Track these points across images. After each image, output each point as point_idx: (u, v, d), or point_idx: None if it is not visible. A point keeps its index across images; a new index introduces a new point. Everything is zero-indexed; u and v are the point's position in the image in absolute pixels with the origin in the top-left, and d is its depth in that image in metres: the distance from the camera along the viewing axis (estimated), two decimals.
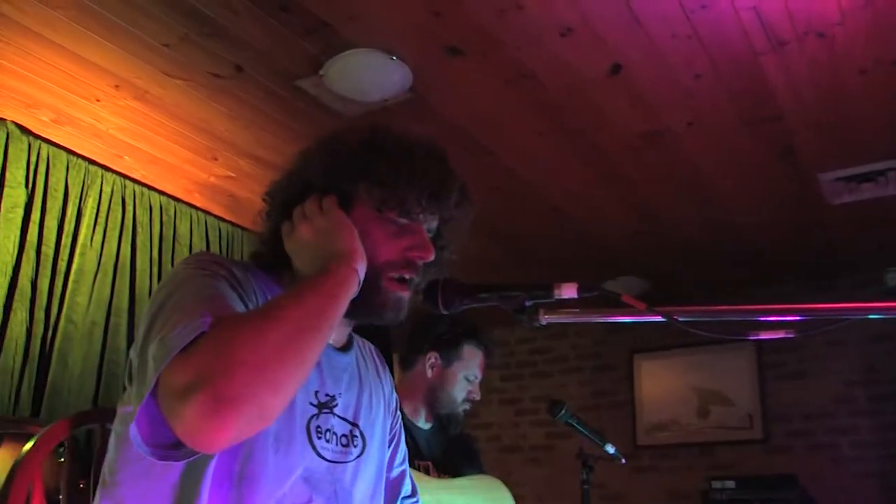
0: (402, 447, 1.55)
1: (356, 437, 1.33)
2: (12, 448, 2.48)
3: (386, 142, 1.31)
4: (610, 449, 2.81)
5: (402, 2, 2.67)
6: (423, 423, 2.61)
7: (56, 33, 2.88)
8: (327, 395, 1.29)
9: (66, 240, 3.64)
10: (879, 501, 4.81)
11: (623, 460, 2.87)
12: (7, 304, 3.33)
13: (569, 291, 1.26)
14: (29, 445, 1.31)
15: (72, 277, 3.62)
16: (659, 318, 1.24)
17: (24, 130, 3.51)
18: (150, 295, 3.94)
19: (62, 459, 2.17)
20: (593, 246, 4.80)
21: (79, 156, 3.73)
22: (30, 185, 3.51)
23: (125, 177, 3.93)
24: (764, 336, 1.29)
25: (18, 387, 3.30)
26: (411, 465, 1.61)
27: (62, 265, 3.60)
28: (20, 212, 3.45)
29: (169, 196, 4.15)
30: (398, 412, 1.55)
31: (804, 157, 3.69)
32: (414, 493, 1.56)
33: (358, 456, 1.32)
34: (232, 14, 2.73)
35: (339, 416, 1.31)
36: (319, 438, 1.25)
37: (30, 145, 3.53)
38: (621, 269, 5.16)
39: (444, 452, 2.56)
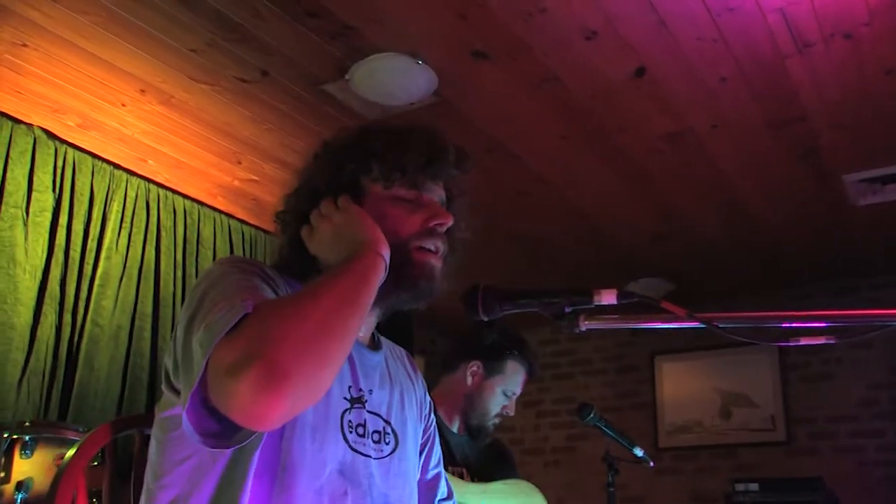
0: (437, 450, 1.56)
1: (388, 434, 1.35)
2: (47, 452, 2.50)
3: (375, 128, 1.39)
4: (638, 452, 2.81)
5: (427, 6, 2.69)
6: (456, 430, 2.60)
7: (84, 39, 2.90)
8: (360, 390, 1.31)
9: (92, 244, 3.67)
10: None
11: (651, 463, 2.86)
12: (37, 306, 3.36)
13: (608, 298, 1.26)
14: (72, 452, 1.32)
15: (97, 281, 3.65)
16: (698, 325, 1.24)
17: (50, 135, 3.54)
18: (174, 299, 3.97)
19: (95, 463, 2.19)
20: (616, 247, 4.79)
21: (104, 160, 3.77)
22: (57, 190, 3.54)
23: (149, 181, 3.96)
24: (804, 342, 1.30)
25: (49, 389, 3.33)
26: (445, 469, 1.61)
27: (88, 269, 3.63)
28: (48, 216, 3.48)
29: (193, 200, 4.17)
30: (432, 415, 1.56)
31: (828, 158, 3.67)
32: (450, 495, 1.56)
33: (391, 453, 1.34)
34: (259, 20, 2.75)
35: (370, 412, 1.32)
36: (351, 432, 1.26)
37: (56, 150, 3.56)
38: (643, 270, 5.15)
39: (477, 458, 2.56)
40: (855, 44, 2.83)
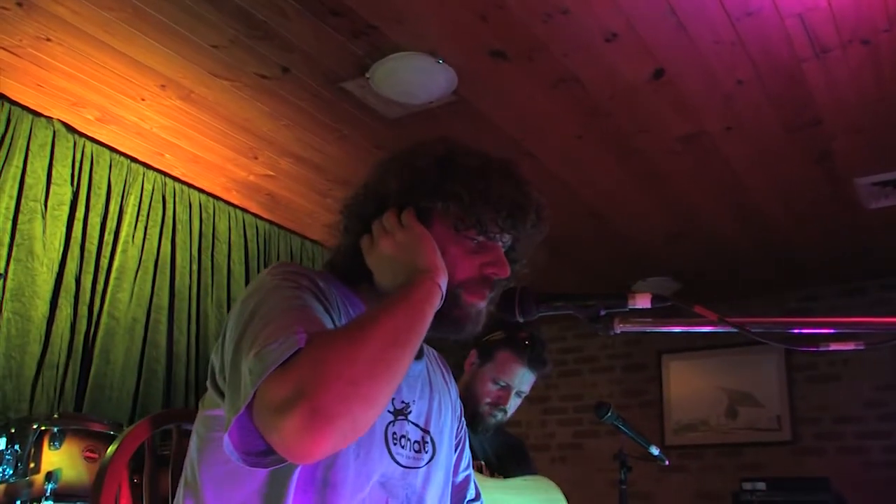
0: (467, 452, 1.58)
1: (427, 443, 1.37)
2: (75, 443, 2.54)
3: (464, 161, 1.32)
4: (654, 450, 2.83)
5: (449, 6, 2.71)
6: None
7: (108, 35, 2.93)
8: (403, 402, 1.33)
9: (109, 237, 3.71)
10: None
11: (667, 462, 2.88)
12: (53, 299, 3.39)
13: (643, 301, 1.28)
14: (114, 446, 1.35)
15: (114, 274, 3.68)
16: (731, 329, 1.27)
17: (69, 129, 3.58)
18: (189, 292, 4.00)
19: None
20: (627, 246, 4.83)
21: (121, 154, 3.80)
22: (75, 183, 3.58)
23: (166, 174, 3.99)
24: (834, 347, 1.33)
25: (63, 381, 3.36)
26: None
27: (104, 262, 3.67)
28: (66, 209, 3.51)
29: (208, 194, 4.20)
30: (462, 418, 1.58)
31: (841, 161, 3.70)
32: (478, 496, 1.59)
33: (429, 461, 1.36)
34: (283, 18, 2.77)
35: (412, 423, 1.34)
36: (395, 444, 1.28)
37: (75, 143, 3.59)
38: (654, 269, 5.19)
39: (496, 453, 2.58)
40: (873, 49, 2.86)
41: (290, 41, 2.92)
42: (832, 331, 1.28)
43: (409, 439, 1.32)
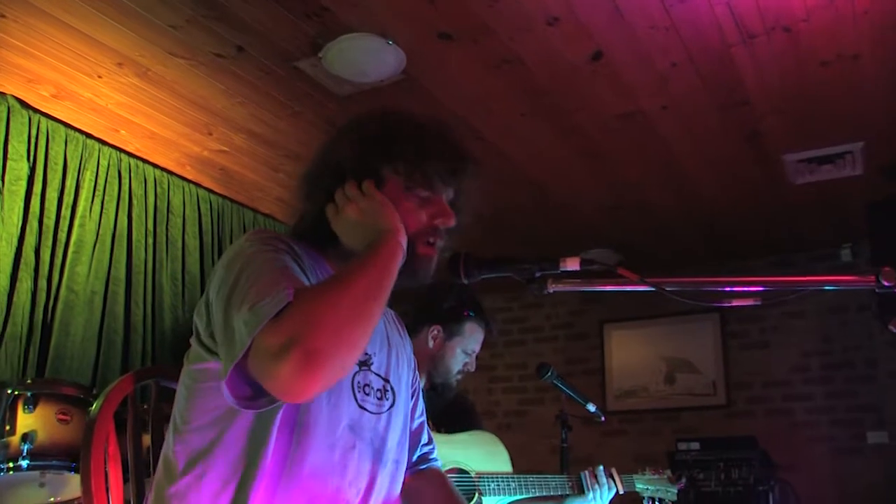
0: (421, 402, 1.76)
1: (388, 391, 1.53)
2: (48, 406, 2.65)
3: (406, 126, 1.50)
4: (591, 408, 3.03)
5: None
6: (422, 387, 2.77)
7: (65, 12, 2.99)
8: (366, 353, 1.49)
9: (66, 211, 3.77)
10: (828, 463, 5.15)
11: (603, 418, 3.09)
12: (13, 273, 3.46)
13: (572, 264, 1.45)
14: (100, 401, 1.48)
15: (72, 248, 3.75)
16: (649, 288, 1.45)
17: (24, 105, 3.62)
18: (145, 265, 4.08)
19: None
20: (570, 220, 5.03)
21: (76, 130, 3.85)
22: (31, 159, 3.63)
23: (121, 150, 4.06)
24: (736, 303, 1.52)
25: (26, 352, 3.44)
26: None
27: (62, 236, 3.73)
28: (23, 184, 3.57)
29: (163, 169, 4.27)
30: (416, 371, 1.75)
31: (769, 139, 3.93)
32: (430, 441, 1.76)
33: (389, 408, 1.52)
34: None
35: (374, 373, 1.50)
36: (360, 392, 1.44)
37: (30, 119, 3.64)
38: (595, 241, 5.40)
39: (443, 412, 2.75)
40: (793, 37, 3.07)
41: (246, 22, 3.02)
42: (746, 289, 1.47)
43: (372, 387, 1.48)
